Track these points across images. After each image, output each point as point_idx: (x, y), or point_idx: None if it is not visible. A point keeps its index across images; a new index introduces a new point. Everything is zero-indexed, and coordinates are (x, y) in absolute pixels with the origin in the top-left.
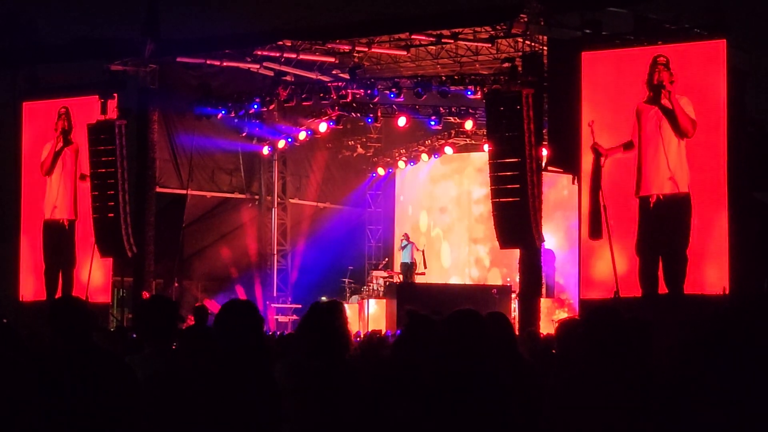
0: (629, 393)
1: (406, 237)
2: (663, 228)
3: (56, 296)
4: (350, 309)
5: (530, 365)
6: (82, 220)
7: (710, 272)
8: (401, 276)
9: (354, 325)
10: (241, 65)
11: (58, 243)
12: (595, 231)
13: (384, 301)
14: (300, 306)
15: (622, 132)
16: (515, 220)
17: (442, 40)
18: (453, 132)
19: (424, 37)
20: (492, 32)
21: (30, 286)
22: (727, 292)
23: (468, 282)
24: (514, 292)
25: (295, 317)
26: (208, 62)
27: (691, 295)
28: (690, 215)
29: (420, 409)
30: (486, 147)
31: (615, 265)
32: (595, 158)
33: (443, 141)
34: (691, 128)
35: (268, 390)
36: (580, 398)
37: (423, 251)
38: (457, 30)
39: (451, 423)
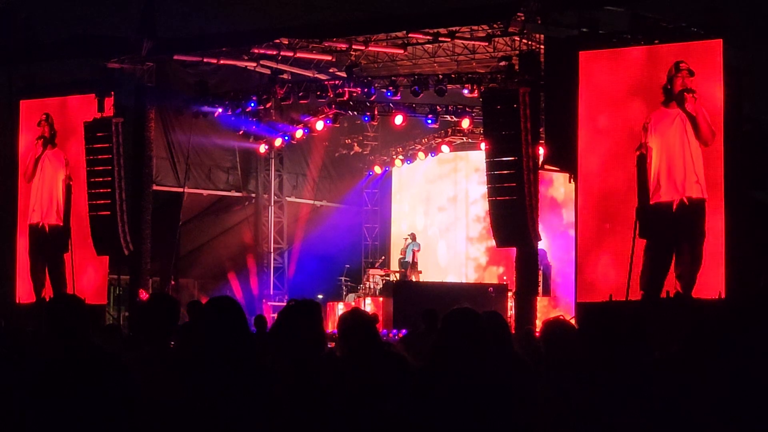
0: (626, 392)
1: (413, 237)
2: (686, 230)
3: (44, 299)
4: (347, 308)
5: (527, 364)
6: (67, 223)
7: (707, 275)
8: (400, 274)
9: None
10: (238, 63)
11: (40, 247)
12: (644, 230)
13: (381, 299)
14: None
15: (618, 132)
16: (512, 218)
17: (439, 39)
18: (450, 130)
19: (421, 36)
20: (489, 31)
21: (26, 289)
22: (723, 296)
23: (464, 281)
24: (511, 290)
25: None
26: (205, 60)
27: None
28: (705, 219)
29: (415, 408)
30: (483, 145)
31: (632, 266)
32: (639, 158)
33: (440, 139)
34: (710, 137)
35: (260, 386)
36: (578, 398)
37: (414, 251)
38: (454, 28)
39: (448, 422)
